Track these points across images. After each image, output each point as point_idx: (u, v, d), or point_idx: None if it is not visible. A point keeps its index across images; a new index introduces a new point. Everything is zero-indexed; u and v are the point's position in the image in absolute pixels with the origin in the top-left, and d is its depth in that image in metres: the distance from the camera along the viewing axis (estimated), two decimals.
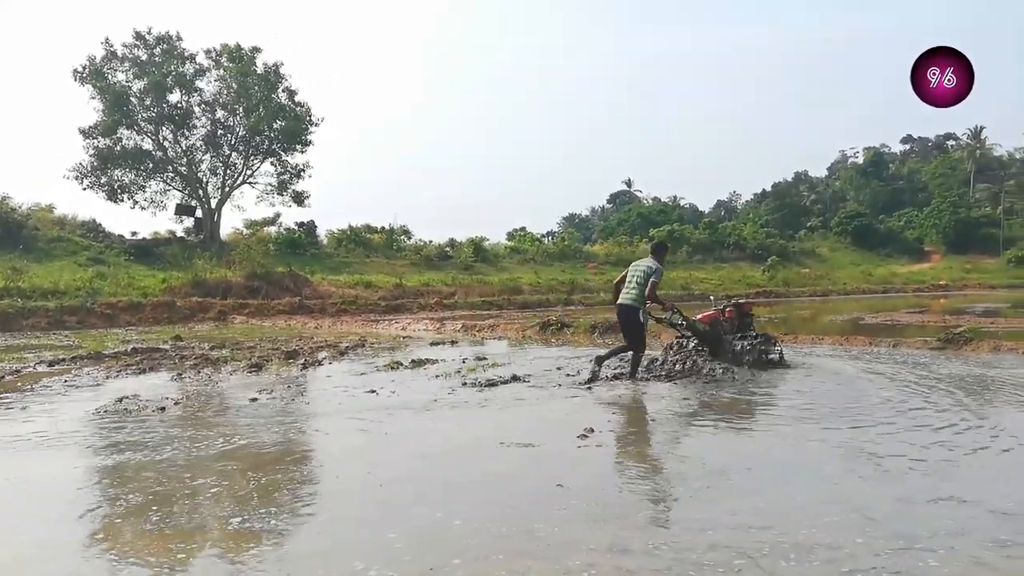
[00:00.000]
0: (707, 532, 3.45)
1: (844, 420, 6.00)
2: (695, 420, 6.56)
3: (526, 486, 4.36)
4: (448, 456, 5.17)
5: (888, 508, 3.78)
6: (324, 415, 6.85)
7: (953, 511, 3.72)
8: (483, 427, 6.15)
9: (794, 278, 44.48)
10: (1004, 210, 65.60)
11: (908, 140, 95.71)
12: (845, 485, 4.23)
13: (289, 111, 38.06)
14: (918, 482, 4.26)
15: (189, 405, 7.26)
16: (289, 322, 21.23)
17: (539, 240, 54.13)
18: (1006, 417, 6.00)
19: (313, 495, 4.30)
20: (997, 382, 7.78)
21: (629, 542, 3.32)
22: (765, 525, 3.52)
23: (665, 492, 4.27)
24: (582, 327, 15.25)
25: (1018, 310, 21.21)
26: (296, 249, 36.69)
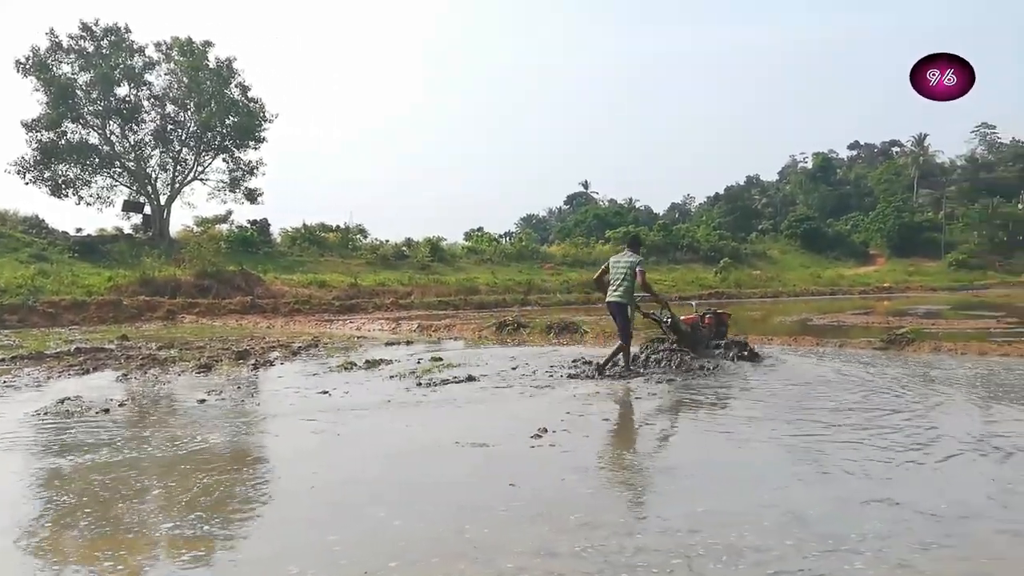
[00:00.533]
0: (637, 536, 3.43)
1: (794, 420, 6.14)
2: (649, 420, 6.64)
3: (475, 487, 4.36)
4: (400, 457, 5.14)
5: (822, 510, 3.80)
6: (275, 416, 6.74)
7: (885, 513, 3.73)
8: (437, 428, 6.12)
9: (745, 280, 45.39)
10: (945, 215, 67.97)
11: (855, 146, 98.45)
12: (785, 487, 4.24)
13: (242, 107, 37.35)
14: (856, 484, 4.26)
15: (134, 407, 7.08)
16: (241, 322, 20.85)
17: (496, 240, 54.14)
18: (947, 419, 6.11)
19: (258, 498, 4.22)
20: (940, 382, 8.03)
21: (558, 545, 3.30)
22: (697, 528, 3.51)
23: (606, 494, 4.25)
24: (538, 327, 15.32)
25: (958, 312, 21.99)
26: (248, 247, 36.03)
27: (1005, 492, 4.08)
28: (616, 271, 8.85)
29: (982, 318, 18.73)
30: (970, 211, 66.32)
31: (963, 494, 4.05)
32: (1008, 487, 4.16)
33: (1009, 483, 4.23)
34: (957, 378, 8.24)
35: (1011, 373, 8.50)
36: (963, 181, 76.88)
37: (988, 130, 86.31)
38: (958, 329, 15.48)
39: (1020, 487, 4.18)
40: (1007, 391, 7.38)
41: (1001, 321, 17.55)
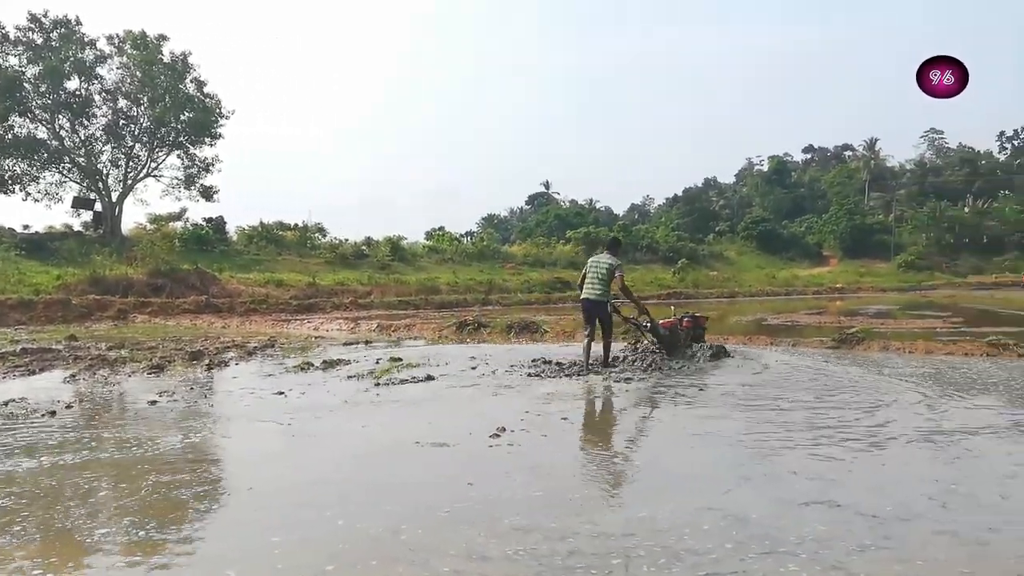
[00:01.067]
0: (568, 539, 3.37)
1: (747, 420, 6.24)
2: (606, 420, 6.70)
3: (426, 487, 4.31)
4: (354, 459, 5.09)
5: (765, 512, 3.76)
6: (228, 418, 6.62)
7: (827, 515, 3.71)
8: (394, 428, 6.08)
9: (703, 280, 46.08)
10: (895, 217, 69.90)
11: (809, 150, 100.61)
12: (729, 489, 4.20)
13: (197, 102, 36.65)
14: (800, 485, 4.24)
15: (82, 409, 6.89)
16: (195, 321, 20.45)
17: (458, 240, 54.01)
18: (895, 418, 6.17)
19: (204, 501, 4.11)
20: (891, 379, 8.24)
21: (489, 548, 3.28)
22: (635, 531, 3.47)
23: (550, 496, 4.12)
24: (499, 327, 15.32)
25: (906, 312, 22.63)
26: (203, 246, 35.35)
27: (947, 492, 4.10)
28: (594, 271, 9.13)
29: (929, 318, 19.29)
30: (918, 214, 68.29)
31: (906, 495, 4.06)
32: (951, 487, 4.19)
33: (952, 483, 4.27)
34: (906, 375, 8.47)
35: (956, 371, 8.78)
36: (912, 185, 79.12)
37: (936, 135, 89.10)
38: (906, 329, 15.93)
39: (962, 487, 4.21)
40: (955, 388, 7.61)
41: (947, 321, 18.10)
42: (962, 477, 4.44)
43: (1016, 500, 4.02)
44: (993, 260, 61.15)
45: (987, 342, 10.65)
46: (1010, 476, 4.47)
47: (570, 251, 51.26)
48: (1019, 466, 4.67)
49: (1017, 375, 8.37)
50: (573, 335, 14.28)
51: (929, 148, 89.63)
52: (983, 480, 4.40)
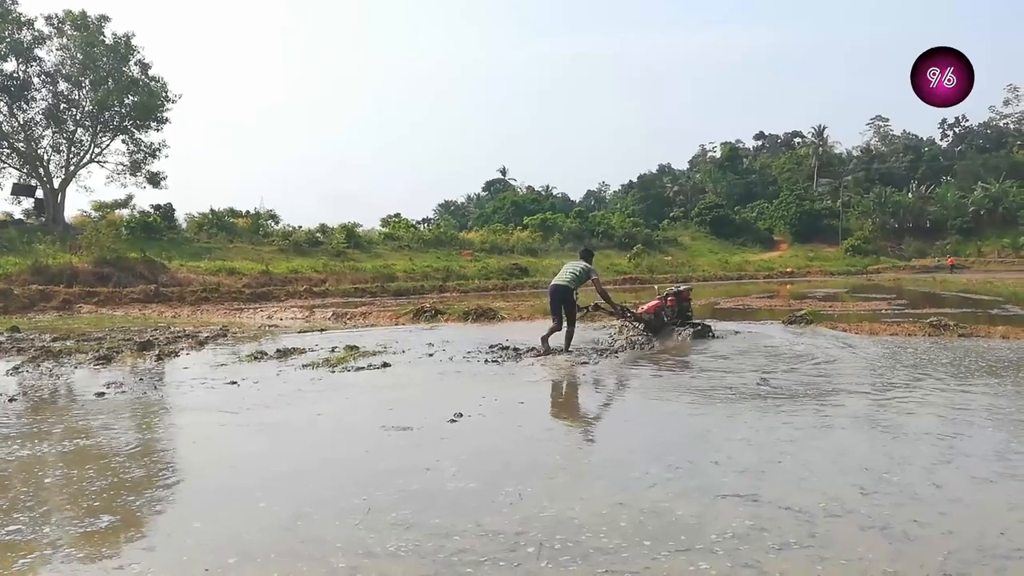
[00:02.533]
0: (454, 537, 3.23)
1: (692, 403, 6.35)
2: (557, 405, 6.74)
3: (354, 476, 4.25)
4: (299, 448, 4.99)
5: (686, 507, 3.56)
6: (178, 409, 6.49)
7: (751, 510, 3.50)
8: (347, 417, 6.04)
9: (658, 265, 46.66)
10: (843, 203, 71.68)
11: (760, 136, 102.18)
12: (653, 484, 3.94)
13: (142, 85, 35.61)
14: (727, 478, 4.01)
15: (26, 402, 6.67)
16: (144, 311, 19.95)
17: (414, 226, 53.64)
18: (840, 407, 5.96)
19: (141, 492, 4.04)
20: (838, 369, 8.45)
21: (375, 545, 3.16)
22: (553, 527, 3.32)
23: (485, 488, 3.93)
24: (456, 313, 15.30)
25: (853, 295, 23.28)
26: (152, 234, 34.46)
27: (879, 482, 3.91)
28: (570, 269, 9.64)
29: (875, 300, 19.88)
30: (864, 200, 70.21)
31: (836, 487, 3.83)
32: (883, 477, 3.99)
33: (884, 472, 4.07)
34: (856, 358, 8.71)
35: (903, 351, 9.06)
36: (858, 171, 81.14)
37: (881, 122, 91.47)
38: (853, 311, 16.39)
39: (894, 476, 4.01)
40: (902, 368, 7.85)
41: (891, 303, 18.68)
42: (895, 466, 4.20)
43: (949, 489, 3.81)
44: (936, 244, 63.28)
45: (929, 323, 11.02)
46: (945, 461, 4.31)
47: (527, 237, 51.39)
48: (952, 449, 4.55)
49: (959, 355, 8.67)
50: (531, 320, 14.34)
51: (875, 135, 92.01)
52: (917, 467, 4.20)
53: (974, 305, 17.45)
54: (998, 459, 4.34)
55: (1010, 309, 16.06)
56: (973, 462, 4.31)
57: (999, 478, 3.98)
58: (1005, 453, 4.48)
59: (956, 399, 6.15)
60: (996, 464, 4.23)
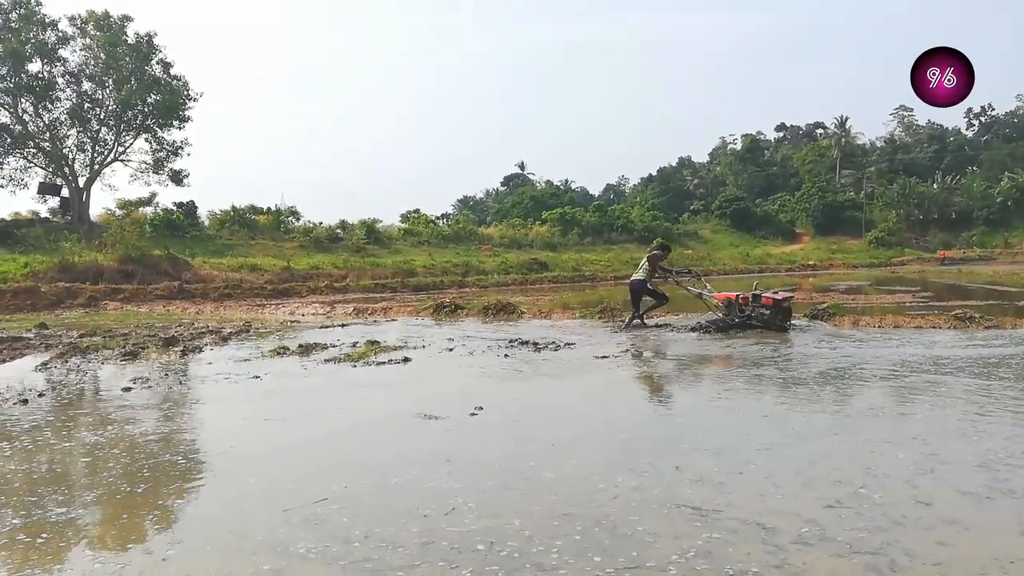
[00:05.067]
0: (398, 548, 3.07)
1: (683, 402, 6.32)
2: (567, 400, 6.73)
3: (374, 471, 4.23)
4: (318, 443, 5.02)
5: (647, 521, 3.25)
6: (202, 402, 6.59)
7: (720, 525, 3.19)
8: (368, 409, 6.09)
9: (678, 259, 46.23)
10: (866, 195, 70.81)
11: (782, 128, 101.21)
12: (616, 495, 3.63)
13: (164, 84, 35.99)
14: (701, 492, 3.64)
15: (55, 396, 6.80)
16: (168, 308, 20.20)
17: (433, 222, 53.79)
18: (849, 413, 5.51)
19: (158, 485, 4.12)
20: (857, 368, 8.36)
21: (297, 543, 3.12)
22: (496, 538, 3.12)
23: (470, 488, 3.80)
24: (476, 308, 15.34)
25: (877, 288, 23.01)
26: (175, 231, 34.87)
27: (853, 497, 3.48)
28: (639, 263, 12.24)
29: (898, 293, 19.64)
30: (888, 191, 69.28)
31: (811, 504, 3.42)
32: (860, 492, 3.57)
33: (861, 487, 3.64)
34: (880, 362, 8.62)
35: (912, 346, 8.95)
36: (882, 162, 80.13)
37: (905, 112, 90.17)
38: (876, 304, 16.21)
39: (875, 493, 3.54)
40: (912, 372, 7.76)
41: (916, 295, 18.44)
42: (870, 480, 3.75)
43: (938, 507, 3.35)
44: (961, 235, 62.32)
45: (954, 315, 10.87)
46: (926, 471, 3.88)
47: (546, 232, 51.30)
48: (935, 456, 4.15)
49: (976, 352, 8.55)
50: (549, 315, 14.35)
51: (899, 125, 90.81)
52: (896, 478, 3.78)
53: (1000, 297, 17.19)
54: (984, 469, 3.88)
55: None
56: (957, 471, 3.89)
57: (993, 494, 3.51)
58: (992, 464, 3.98)
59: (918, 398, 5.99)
60: (983, 476, 3.78)
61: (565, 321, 13.44)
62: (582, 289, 27.73)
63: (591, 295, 22.22)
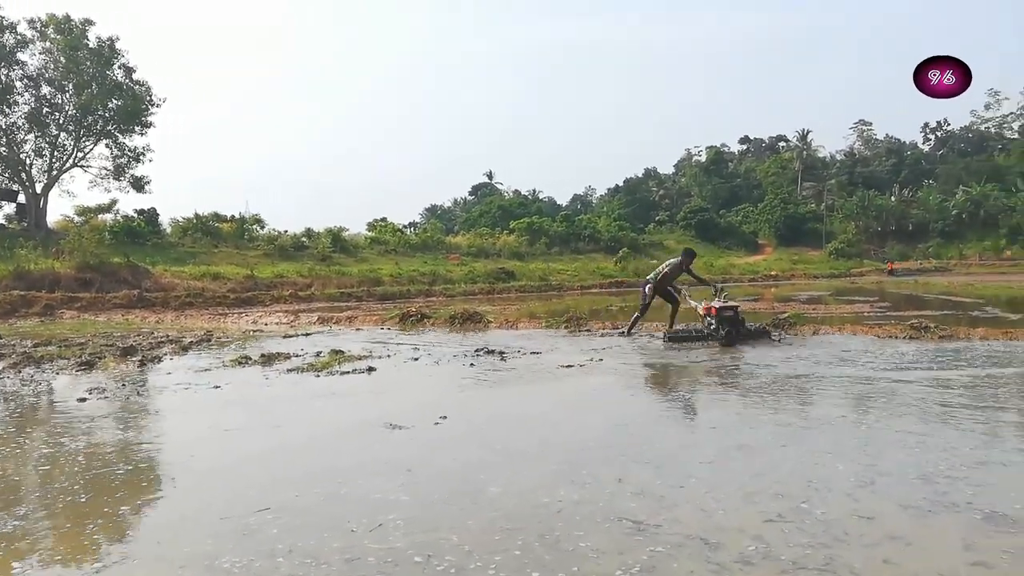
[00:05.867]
0: (275, 559, 3.03)
1: (624, 407, 6.39)
2: (525, 409, 6.75)
3: (320, 480, 4.20)
4: (277, 453, 4.94)
5: (594, 540, 3.15)
6: (160, 413, 6.47)
7: (663, 540, 3.12)
8: (328, 420, 6.03)
9: (644, 269, 46.48)
10: (826, 207, 72.29)
11: (745, 140, 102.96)
12: (568, 506, 3.57)
13: (126, 89, 35.38)
14: (644, 505, 3.55)
15: (6, 407, 6.61)
16: (127, 316, 19.79)
17: (400, 231, 53.58)
18: (794, 424, 5.36)
19: (106, 497, 4.04)
20: (806, 378, 8.52)
21: (221, 556, 3.06)
22: (425, 548, 3.09)
23: (416, 502, 3.73)
24: (442, 317, 15.29)
25: (836, 298, 23.46)
26: (135, 238, 34.24)
27: (796, 512, 3.43)
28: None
29: (857, 303, 20.05)
30: (848, 203, 70.81)
31: (753, 519, 3.36)
32: (802, 507, 3.50)
33: (803, 501, 3.57)
34: (834, 377, 8.79)
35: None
36: (842, 175, 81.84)
37: (864, 127, 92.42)
38: (836, 313, 16.53)
39: (817, 508, 3.47)
40: None
41: (874, 306, 18.85)
42: (812, 494, 3.69)
43: (881, 522, 3.30)
44: (917, 247, 63.93)
45: (910, 325, 11.14)
46: (867, 484, 3.85)
47: (514, 241, 51.44)
48: (874, 467, 4.12)
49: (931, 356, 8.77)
50: (516, 325, 14.37)
51: (858, 139, 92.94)
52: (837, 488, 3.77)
53: (955, 307, 17.64)
54: (925, 482, 3.86)
55: (990, 311, 16.25)
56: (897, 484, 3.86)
57: (935, 507, 3.47)
58: (932, 476, 3.96)
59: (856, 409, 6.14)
60: (924, 489, 3.75)
61: (532, 330, 13.47)
62: (549, 298, 27.82)
63: (558, 304, 22.31)
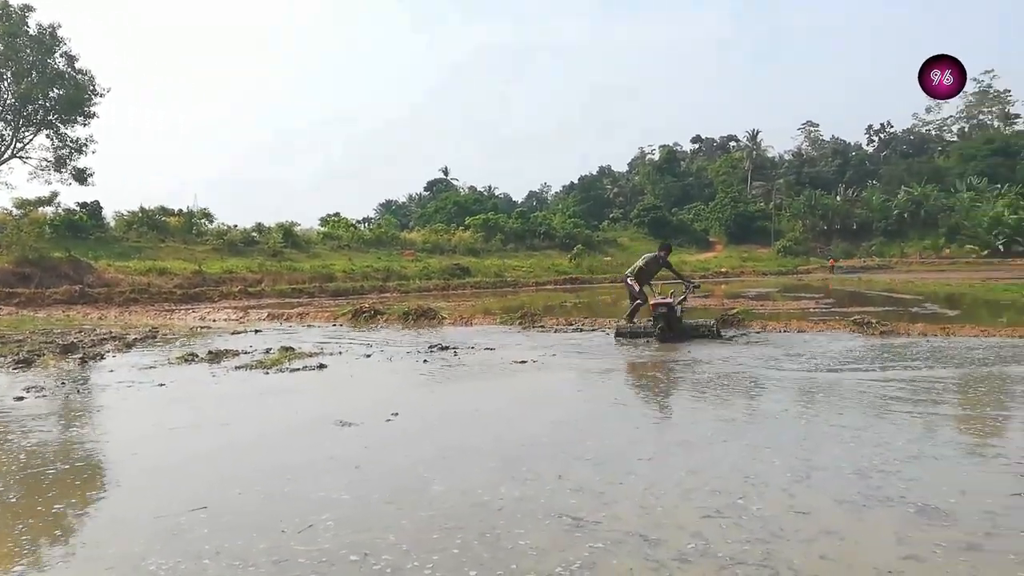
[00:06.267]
0: (201, 561, 2.98)
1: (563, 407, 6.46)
2: (486, 404, 6.77)
3: (259, 481, 4.15)
4: (224, 452, 4.85)
5: (534, 538, 3.12)
6: (102, 412, 6.29)
7: (602, 536, 3.10)
8: (280, 418, 5.94)
9: (597, 265, 47.20)
10: (775, 205, 73.88)
11: (697, 140, 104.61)
12: (509, 504, 3.55)
13: (68, 78, 34.17)
14: (584, 502, 3.55)
15: None
16: (68, 313, 19.17)
17: (354, 226, 52.95)
18: (734, 419, 5.44)
19: (40, 497, 3.92)
20: (748, 374, 8.65)
21: (148, 558, 3.01)
22: (363, 551, 3.02)
23: (359, 502, 3.67)
24: (396, 313, 15.19)
25: (784, 294, 24.02)
26: (77, 232, 33.12)
27: (733, 508, 3.41)
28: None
29: (804, 299, 20.56)
30: (795, 202, 72.47)
31: (691, 516, 3.35)
32: (738, 502, 3.51)
33: (740, 497, 3.58)
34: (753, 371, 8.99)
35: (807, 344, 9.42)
36: (790, 174, 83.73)
37: (812, 128, 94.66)
38: (783, 309, 16.92)
39: (754, 504, 3.46)
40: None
41: (819, 302, 19.35)
42: (749, 489, 3.71)
43: (817, 517, 3.32)
44: (861, 245, 65.81)
45: (853, 320, 11.47)
46: (802, 479, 3.88)
47: (469, 238, 51.30)
48: (809, 462, 4.19)
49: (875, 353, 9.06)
50: (470, 321, 14.36)
51: (805, 140, 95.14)
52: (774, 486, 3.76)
53: (896, 304, 18.21)
54: (859, 477, 3.89)
55: (929, 307, 16.84)
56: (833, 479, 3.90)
57: (869, 502, 3.51)
58: (866, 471, 3.99)
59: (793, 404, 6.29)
60: (859, 483, 3.79)
61: (486, 327, 13.48)
62: (504, 295, 27.86)
63: (513, 301, 22.37)
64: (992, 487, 3.75)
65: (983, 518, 3.27)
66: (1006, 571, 2.77)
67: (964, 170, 71.94)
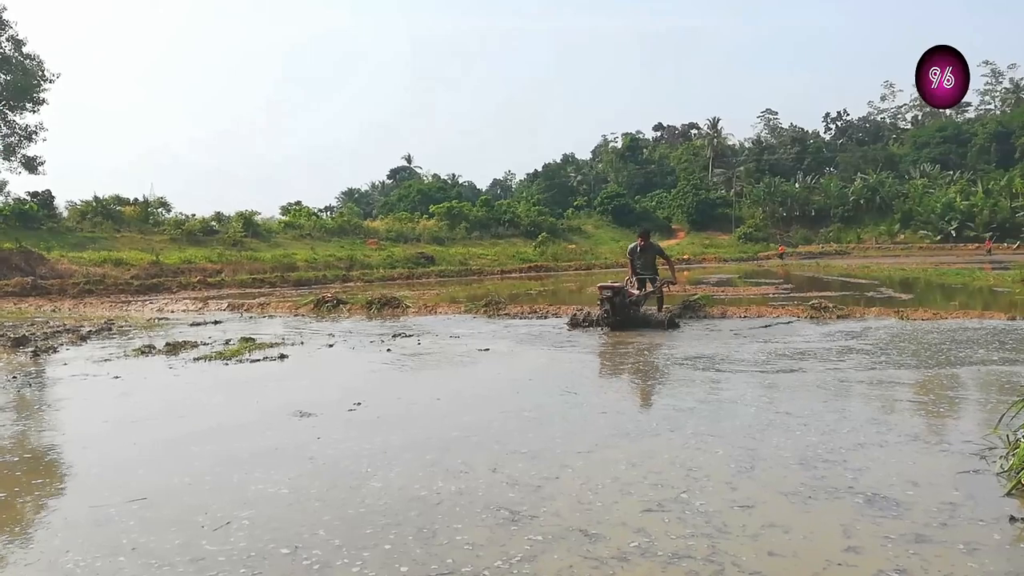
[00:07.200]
0: (117, 558, 2.90)
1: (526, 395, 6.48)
2: (433, 397, 6.76)
3: (225, 472, 4.11)
4: (178, 443, 4.73)
5: (471, 534, 3.05)
6: (54, 405, 6.13)
7: (541, 531, 3.07)
8: (238, 409, 5.86)
9: (562, 253, 47.41)
10: (735, 193, 74.85)
11: (659, 128, 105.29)
12: (448, 497, 3.51)
13: (16, 63, 33.06)
14: (521, 496, 3.49)
15: None
16: (19, 305, 18.62)
17: (316, 215, 52.30)
18: (680, 407, 5.32)
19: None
20: (698, 361, 8.80)
21: (66, 553, 2.97)
22: (302, 545, 2.99)
23: (297, 495, 3.59)
24: (359, 303, 15.06)
25: (745, 280, 24.40)
26: (28, 222, 32.13)
27: (675, 502, 3.32)
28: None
29: (764, 285, 20.90)
30: (755, 189, 73.52)
31: (632, 511, 3.28)
32: (682, 496, 3.42)
33: (683, 491, 3.48)
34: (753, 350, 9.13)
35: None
36: (750, 162, 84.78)
37: (771, 116, 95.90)
38: (743, 295, 17.19)
39: (697, 499, 3.39)
40: None
41: (779, 287, 19.70)
42: (692, 483, 3.63)
43: (761, 510, 3.26)
44: (820, 231, 67.07)
45: (811, 305, 11.70)
46: (746, 470, 3.82)
47: (433, 226, 51.04)
48: (753, 452, 4.13)
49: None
50: (435, 310, 14.31)
51: (765, 127, 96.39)
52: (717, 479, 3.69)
53: (853, 288, 18.62)
54: (803, 467, 3.85)
55: (884, 291, 17.25)
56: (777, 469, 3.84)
57: (815, 493, 3.45)
58: (810, 460, 3.96)
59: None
60: (803, 474, 3.74)
61: (451, 315, 13.44)
62: (469, 283, 27.80)
63: (478, 289, 22.33)
64: (939, 472, 3.74)
65: (935, 507, 3.24)
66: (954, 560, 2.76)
67: (917, 157, 73.70)
